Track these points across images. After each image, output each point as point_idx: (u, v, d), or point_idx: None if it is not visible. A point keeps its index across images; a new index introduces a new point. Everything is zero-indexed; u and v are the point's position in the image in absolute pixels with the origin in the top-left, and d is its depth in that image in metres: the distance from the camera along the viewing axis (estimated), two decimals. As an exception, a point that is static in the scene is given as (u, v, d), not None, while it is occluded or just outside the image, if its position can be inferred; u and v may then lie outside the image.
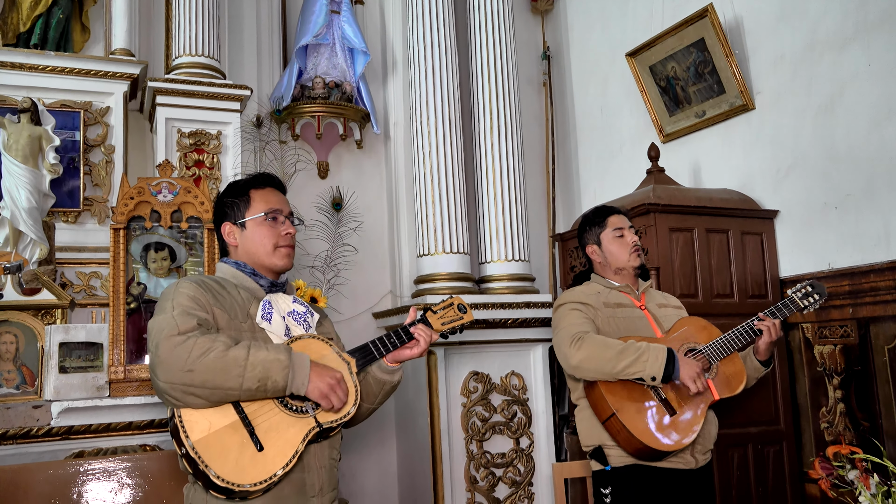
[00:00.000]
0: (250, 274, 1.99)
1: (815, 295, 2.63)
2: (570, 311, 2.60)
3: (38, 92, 3.63)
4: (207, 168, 3.81)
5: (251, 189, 2.05)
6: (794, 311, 2.62)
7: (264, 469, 1.72)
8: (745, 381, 2.56)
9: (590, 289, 2.71)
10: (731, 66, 3.78)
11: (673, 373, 2.39)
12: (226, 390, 1.70)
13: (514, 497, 3.97)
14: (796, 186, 3.59)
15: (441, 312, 2.14)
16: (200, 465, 1.67)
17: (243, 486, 1.68)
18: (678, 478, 2.46)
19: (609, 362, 2.39)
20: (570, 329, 2.52)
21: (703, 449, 2.51)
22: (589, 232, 2.77)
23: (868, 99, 3.27)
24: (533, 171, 4.89)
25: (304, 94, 4.39)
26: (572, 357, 2.45)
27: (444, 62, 4.28)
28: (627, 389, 2.45)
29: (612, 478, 2.51)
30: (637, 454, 2.43)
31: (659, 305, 2.74)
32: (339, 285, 4.29)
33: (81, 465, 2.71)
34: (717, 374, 2.53)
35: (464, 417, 3.93)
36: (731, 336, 2.56)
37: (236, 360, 1.70)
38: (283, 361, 1.75)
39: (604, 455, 2.53)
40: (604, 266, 2.73)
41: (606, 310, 2.61)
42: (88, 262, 3.61)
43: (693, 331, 2.61)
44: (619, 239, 2.68)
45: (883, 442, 3.07)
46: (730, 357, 2.57)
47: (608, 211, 2.76)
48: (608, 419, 2.44)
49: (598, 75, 4.86)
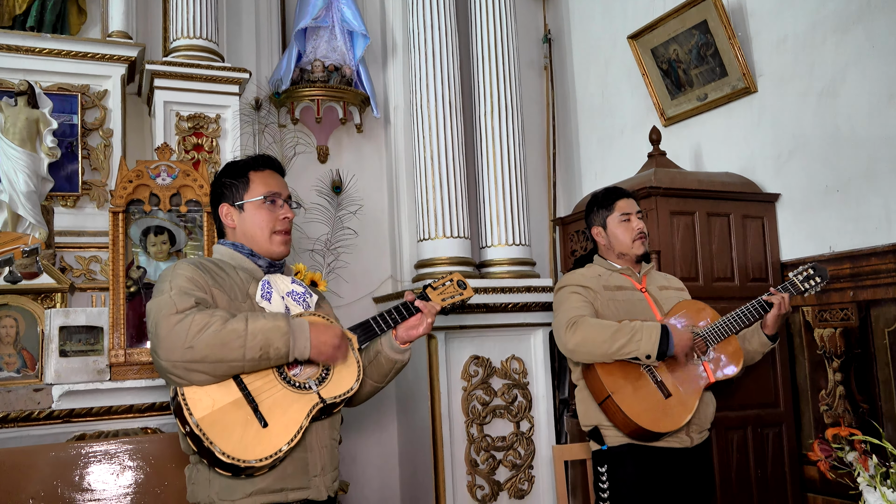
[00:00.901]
0: (248, 255, 1.98)
1: (816, 278, 2.63)
2: (570, 294, 2.62)
3: (35, 75, 3.60)
4: (206, 152, 3.79)
5: (250, 171, 2.04)
6: (795, 294, 2.63)
7: (269, 444, 1.72)
8: (742, 363, 2.58)
9: (591, 271, 2.72)
10: (734, 49, 3.76)
11: (668, 350, 2.40)
12: (229, 363, 1.70)
13: (514, 480, 3.99)
14: (798, 170, 3.57)
15: (441, 288, 2.15)
16: (205, 441, 1.67)
17: (249, 461, 1.68)
18: (674, 456, 2.49)
19: (604, 344, 2.42)
20: (567, 313, 2.54)
21: (698, 428, 2.53)
22: (596, 213, 2.77)
23: (871, 81, 3.25)
24: (533, 154, 4.87)
25: (304, 77, 4.36)
26: (568, 341, 2.48)
27: (444, 45, 4.25)
28: (623, 371, 2.46)
29: (609, 457, 2.55)
30: (633, 435, 2.46)
31: (660, 288, 2.74)
32: (339, 269, 4.29)
33: (83, 447, 2.72)
34: (713, 356, 2.55)
35: (464, 401, 3.94)
36: (735, 317, 2.57)
37: (236, 331, 1.70)
38: (283, 328, 1.75)
39: (601, 435, 2.56)
40: (607, 249, 2.75)
41: (606, 293, 2.62)
42: (88, 247, 3.61)
43: (691, 313, 2.62)
44: (625, 224, 2.68)
45: (882, 424, 3.07)
46: (727, 339, 2.58)
47: (618, 194, 2.75)
48: (604, 401, 2.47)
49: (600, 58, 4.83)
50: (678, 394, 2.46)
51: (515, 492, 3.97)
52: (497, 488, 3.95)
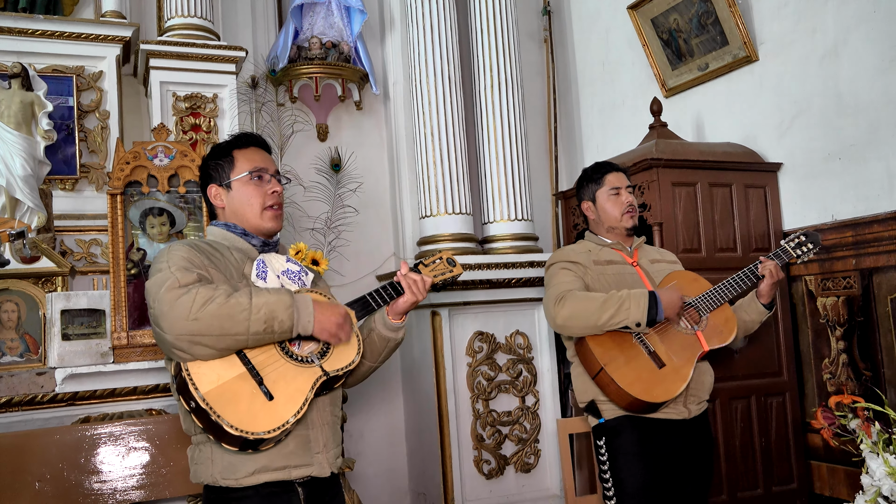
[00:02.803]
0: (241, 234, 1.97)
1: (808, 244, 2.61)
2: (560, 270, 2.60)
3: (29, 57, 3.57)
4: (204, 132, 3.77)
5: (234, 149, 2.03)
6: (787, 260, 2.61)
7: (276, 416, 1.72)
8: (735, 330, 2.55)
9: (581, 247, 2.70)
10: (735, 17, 3.70)
11: (657, 315, 2.38)
12: (233, 336, 1.70)
13: (520, 454, 4.01)
14: (800, 138, 3.54)
15: (431, 266, 2.16)
16: (212, 415, 1.67)
17: (257, 433, 1.69)
18: (672, 428, 2.48)
19: (593, 315, 2.40)
20: (556, 288, 2.53)
21: (696, 399, 2.52)
22: (585, 188, 2.74)
23: (873, 45, 3.20)
24: (535, 128, 4.83)
25: (301, 55, 4.32)
26: (557, 315, 2.46)
27: (442, 18, 4.20)
28: (616, 342, 2.45)
29: (606, 430, 2.53)
30: (628, 407, 2.44)
31: (652, 261, 2.71)
32: (340, 247, 4.28)
33: (88, 429, 2.74)
34: (707, 325, 2.53)
35: (469, 377, 3.95)
36: (727, 285, 2.55)
37: (240, 304, 1.70)
38: (287, 301, 1.75)
39: (597, 409, 2.55)
40: (597, 223, 2.72)
41: (596, 267, 2.60)
42: (88, 230, 3.60)
43: (683, 284, 2.59)
44: (615, 197, 2.65)
45: (885, 391, 3.08)
46: (720, 308, 2.56)
47: (607, 168, 2.73)
48: (597, 374, 2.45)
49: (600, 29, 4.78)
50: (672, 363, 2.43)
51: (522, 465, 4.00)
52: (503, 462, 3.97)
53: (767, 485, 3.40)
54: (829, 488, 3.39)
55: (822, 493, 3.41)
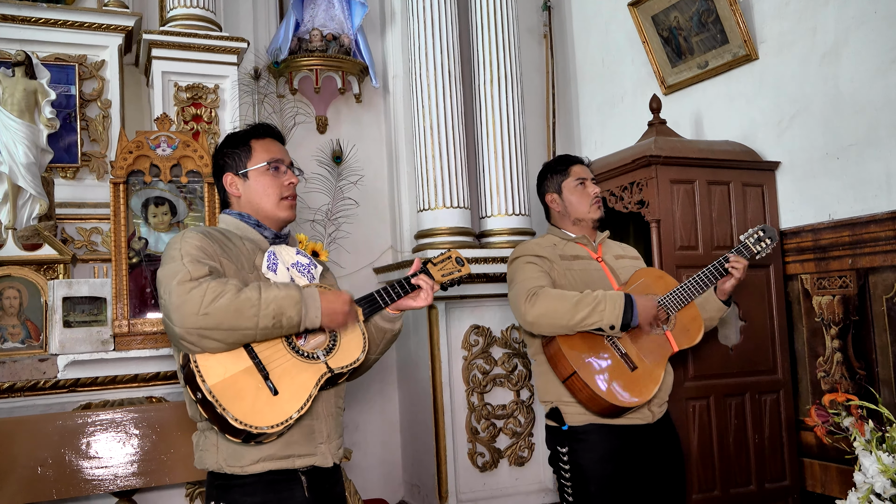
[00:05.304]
0: (254, 225, 1.99)
1: (766, 240, 2.60)
2: (525, 264, 2.52)
3: (32, 45, 3.57)
4: (206, 122, 3.78)
5: (252, 139, 2.04)
6: (748, 256, 2.58)
7: (280, 412, 1.75)
8: (702, 329, 2.50)
9: (546, 241, 2.62)
10: (735, 15, 3.72)
11: (632, 320, 2.32)
12: (242, 331, 1.72)
13: (514, 447, 4.04)
14: (798, 137, 3.56)
15: (441, 265, 2.17)
16: (218, 408, 1.69)
17: (261, 428, 1.71)
18: (636, 434, 2.40)
19: (565, 315, 2.32)
20: (525, 284, 2.44)
21: (659, 402, 2.45)
22: (550, 180, 2.67)
23: (873, 45, 3.23)
24: (533, 123, 4.85)
25: (302, 47, 4.32)
26: (528, 313, 2.37)
27: (443, 13, 4.21)
28: (587, 343, 2.38)
29: (570, 437, 2.43)
30: (601, 412, 2.35)
31: (616, 257, 2.66)
32: (340, 239, 4.30)
33: (89, 416, 2.76)
34: (675, 324, 2.48)
35: (465, 370, 3.97)
36: (693, 282, 2.51)
37: (249, 300, 1.72)
38: (295, 297, 1.77)
39: (560, 413, 2.44)
40: (562, 216, 2.64)
41: (563, 262, 2.53)
42: (89, 218, 3.61)
43: (650, 281, 2.54)
44: (581, 189, 2.59)
45: (878, 390, 3.11)
46: (687, 306, 2.51)
47: (571, 160, 2.67)
48: (569, 378, 2.36)
49: (600, 26, 4.79)
50: (643, 365, 2.38)
51: (516, 459, 4.03)
52: (497, 455, 4.00)
53: (760, 481, 3.44)
54: (821, 485, 3.43)
55: (814, 490, 3.45)
